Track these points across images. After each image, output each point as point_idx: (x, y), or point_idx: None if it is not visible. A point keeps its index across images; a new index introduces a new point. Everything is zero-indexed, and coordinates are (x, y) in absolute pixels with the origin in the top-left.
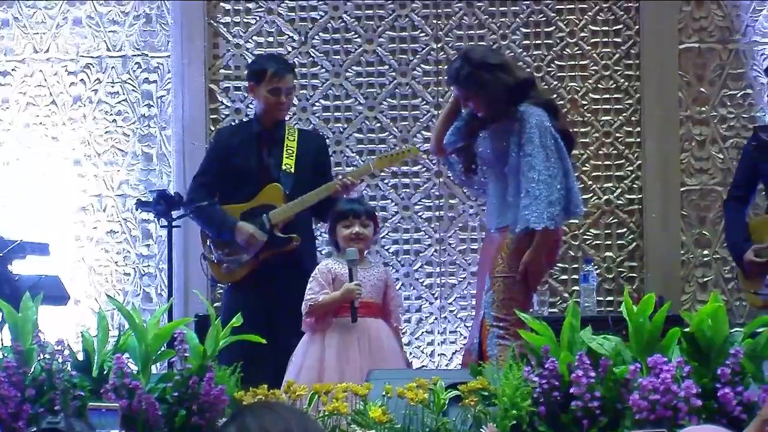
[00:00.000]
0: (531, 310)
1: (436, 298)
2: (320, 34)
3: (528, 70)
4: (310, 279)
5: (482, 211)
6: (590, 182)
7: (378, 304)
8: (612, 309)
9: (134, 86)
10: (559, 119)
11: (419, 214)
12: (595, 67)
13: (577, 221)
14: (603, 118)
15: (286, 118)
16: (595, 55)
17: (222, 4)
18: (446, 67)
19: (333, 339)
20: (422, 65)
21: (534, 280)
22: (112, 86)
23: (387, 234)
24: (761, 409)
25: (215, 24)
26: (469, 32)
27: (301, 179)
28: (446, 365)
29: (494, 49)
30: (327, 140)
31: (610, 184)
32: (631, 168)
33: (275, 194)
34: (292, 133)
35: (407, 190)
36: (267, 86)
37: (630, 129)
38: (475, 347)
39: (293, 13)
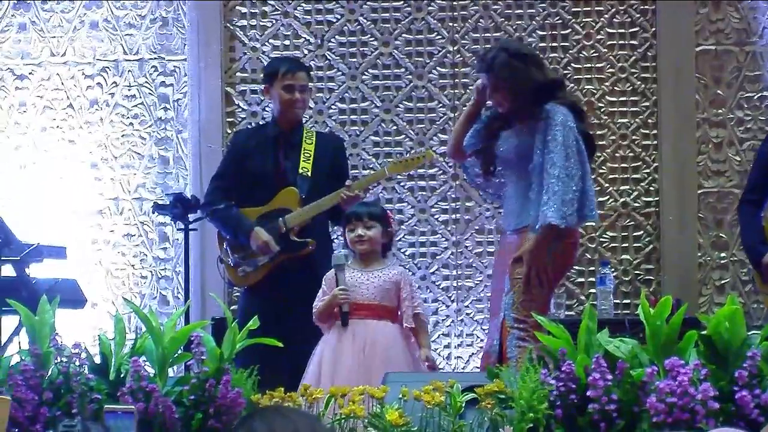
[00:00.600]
0: (550, 312)
1: (452, 301)
2: (336, 37)
3: None
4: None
5: (498, 213)
6: (607, 185)
7: (384, 305)
8: (629, 312)
9: (151, 89)
10: (584, 122)
11: (436, 217)
12: (611, 70)
13: (593, 224)
14: (619, 120)
15: (304, 121)
16: (611, 57)
17: (238, 7)
18: (476, 57)
19: (332, 341)
20: (438, 68)
21: (544, 279)
22: (129, 89)
23: (403, 237)
24: None
25: (231, 27)
26: (485, 35)
27: (318, 183)
28: (463, 368)
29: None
30: (344, 143)
31: (627, 187)
32: (647, 170)
33: (291, 198)
34: (310, 137)
35: (424, 193)
36: (280, 84)
37: (647, 131)
38: (495, 349)
39: (309, 16)
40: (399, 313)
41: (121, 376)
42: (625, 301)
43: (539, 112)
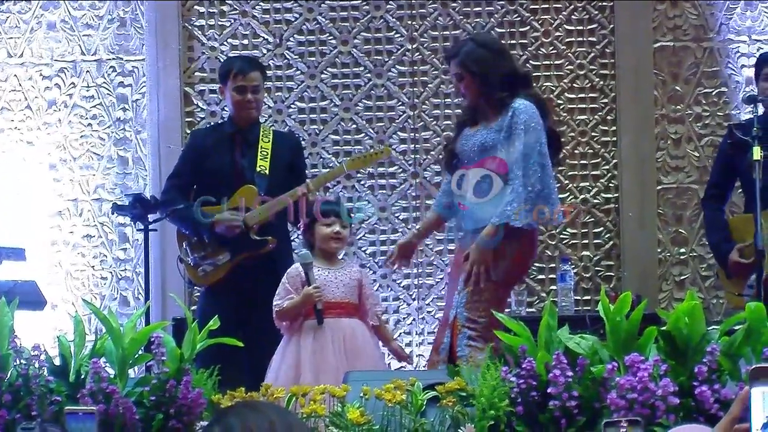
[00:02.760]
0: (507, 310)
1: (413, 299)
2: (295, 36)
3: None
4: (281, 283)
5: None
6: (566, 181)
7: (353, 303)
8: (589, 308)
9: (109, 90)
10: (549, 119)
11: (396, 215)
12: (570, 67)
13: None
14: (579, 117)
15: (261, 120)
16: (570, 54)
17: (196, 7)
18: (446, 47)
19: (308, 340)
20: (397, 66)
21: (484, 278)
22: (87, 90)
23: (364, 235)
24: (732, 407)
25: (190, 27)
26: (444, 33)
27: (276, 181)
28: (424, 366)
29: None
30: (303, 141)
31: (587, 183)
32: (607, 167)
33: (249, 196)
34: (267, 135)
35: (384, 192)
36: (232, 85)
37: (606, 128)
38: (445, 347)
39: (268, 15)
40: (363, 310)
41: (81, 377)
42: (585, 298)
43: (505, 107)
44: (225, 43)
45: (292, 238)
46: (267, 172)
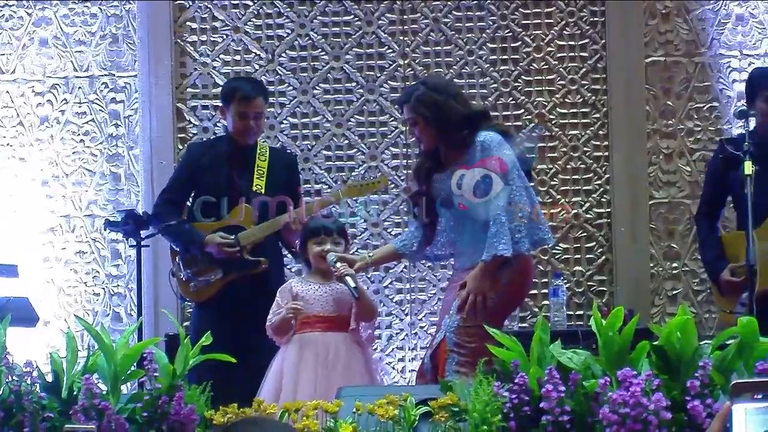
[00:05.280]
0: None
1: (406, 315)
2: (287, 51)
3: (495, 85)
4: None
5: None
6: (558, 196)
7: (342, 316)
8: (582, 323)
9: (101, 106)
10: (515, 146)
11: (388, 230)
12: (562, 82)
13: (544, 246)
14: (570, 132)
15: None
16: (561, 69)
17: (188, 23)
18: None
19: (291, 352)
20: (389, 82)
21: (481, 308)
22: (80, 106)
23: (356, 251)
24: (713, 422)
25: (182, 43)
26: (436, 48)
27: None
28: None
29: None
30: (297, 158)
31: (579, 198)
32: (599, 182)
33: (245, 215)
34: (264, 153)
35: (376, 207)
36: (235, 109)
37: (598, 143)
38: (428, 368)
39: (260, 32)
40: (351, 322)
41: (74, 394)
42: (578, 313)
43: (470, 143)
44: (217, 59)
45: (284, 253)
46: (263, 191)
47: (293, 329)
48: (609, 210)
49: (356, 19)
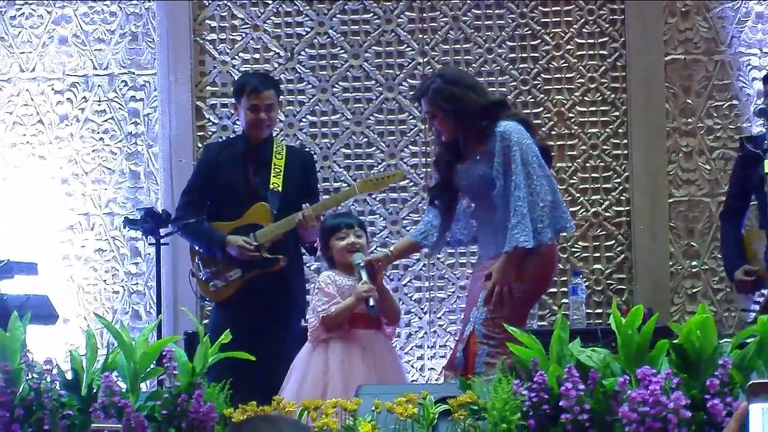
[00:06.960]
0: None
1: (425, 313)
2: (306, 50)
3: (514, 83)
4: (315, 291)
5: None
6: (578, 195)
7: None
8: (601, 321)
9: (121, 104)
10: (536, 136)
11: (407, 228)
12: (581, 80)
13: (564, 234)
14: (590, 130)
15: (274, 133)
16: (581, 67)
17: (208, 21)
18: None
19: (336, 350)
20: (408, 80)
21: (508, 298)
22: (99, 104)
23: (376, 249)
24: (729, 422)
25: (201, 41)
26: (455, 46)
27: (289, 198)
28: (436, 379)
29: (469, 73)
30: (314, 155)
31: (598, 197)
32: (618, 180)
33: (262, 214)
34: (280, 151)
35: (395, 205)
36: (246, 103)
37: (617, 141)
38: (459, 362)
39: (279, 30)
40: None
41: (93, 391)
42: (597, 311)
43: (490, 133)
44: (236, 57)
45: (303, 251)
46: (280, 189)
47: (349, 322)
48: (628, 208)
49: (375, 17)
